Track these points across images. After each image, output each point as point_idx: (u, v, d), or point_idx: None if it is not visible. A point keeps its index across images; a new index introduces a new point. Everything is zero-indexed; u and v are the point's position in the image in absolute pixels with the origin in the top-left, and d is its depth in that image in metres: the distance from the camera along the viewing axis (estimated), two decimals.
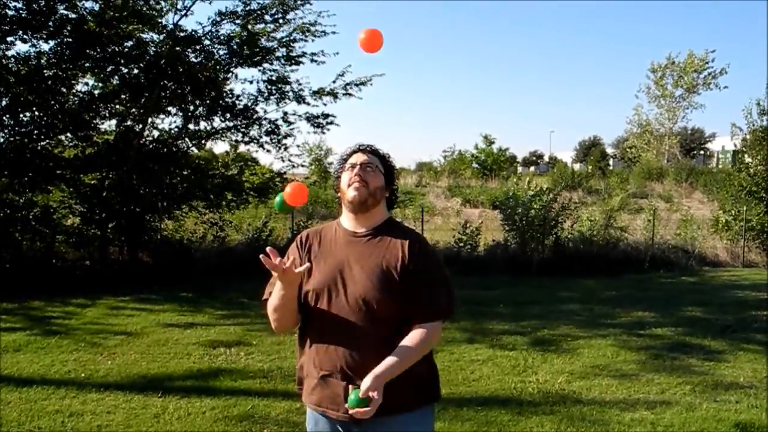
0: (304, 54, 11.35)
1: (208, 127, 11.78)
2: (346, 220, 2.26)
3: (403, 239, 2.19)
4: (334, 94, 11.57)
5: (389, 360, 2.03)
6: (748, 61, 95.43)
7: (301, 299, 2.19)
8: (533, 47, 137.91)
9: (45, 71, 10.32)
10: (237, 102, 11.62)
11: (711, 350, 6.59)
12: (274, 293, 2.15)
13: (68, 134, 10.82)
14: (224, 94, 11.54)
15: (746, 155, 15.87)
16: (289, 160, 11.98)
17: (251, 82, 11.67)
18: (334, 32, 11.32)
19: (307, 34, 11.18)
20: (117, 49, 10.66)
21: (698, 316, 8.33)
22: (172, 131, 11.65)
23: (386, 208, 2.29)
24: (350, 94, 11.60)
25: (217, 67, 11.30)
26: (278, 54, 11.34)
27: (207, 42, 11.19)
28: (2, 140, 10.42)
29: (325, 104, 11.71)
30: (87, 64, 10.63)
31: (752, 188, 14.42)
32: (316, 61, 11.45)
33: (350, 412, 1.97)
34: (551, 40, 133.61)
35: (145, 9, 10.45)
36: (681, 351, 6.54)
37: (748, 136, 15.47)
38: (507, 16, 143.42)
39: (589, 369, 5.87)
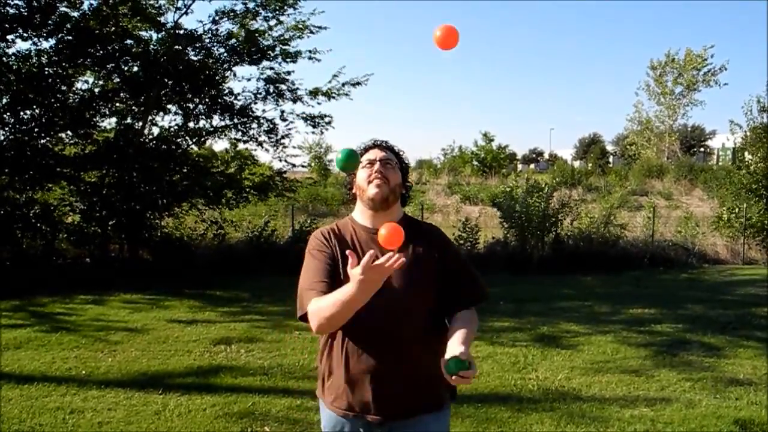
0: (300, 52, 11.42)
1: (208, 126, 11.82)
2: (363, 218, 2.21)
3: (427, 233, 2.20)
4: (329, 94, 11.64)
5: (462, 332, 2.01)
6: (747, 58, 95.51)
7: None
8: (533, 45, 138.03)
9: (45, 69, 10.32)
10: (235, 101, 11.65)
11: (711, 347, 6.61)
12: (342, 298, 1.88)
13: (69, 132, 10.82)
14: (223, 93, 11.56)
15: (746, 152, 15.86)
16: (286, 160, 12.02)
17: (249, 80, 11.75)
18: (326, 27, 11.47)
19: (303, 31, 11.25)
20: (117, 47, 10.68)
21: (698, 313, 8.35)
22: (172, 129, 11.66)
23: (401, 206, 2.26)
24: (345, 94, 11.69)
25: (216, 65, 11.33)
26: (276, 52, 11.37)
27: (207, 40, 11.21)
28: (3, 138, 10.41)
29: (319, 103, 11.81)
30: (87, 62, 10.63)
31: (752, 185, 14.42)
32: (312, 58, 11.50)
33: (455, 378, 1.88)
34: (551, 37, 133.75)
35: (146, 5, 10.45)
36: (681, 348, 6.55)
37: (748, 133, 15.44)
38: (507, 13, 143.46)
39: (589, 366, 5.88)
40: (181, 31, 11.04)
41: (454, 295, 2.13)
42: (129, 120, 11.45)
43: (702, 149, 60.52)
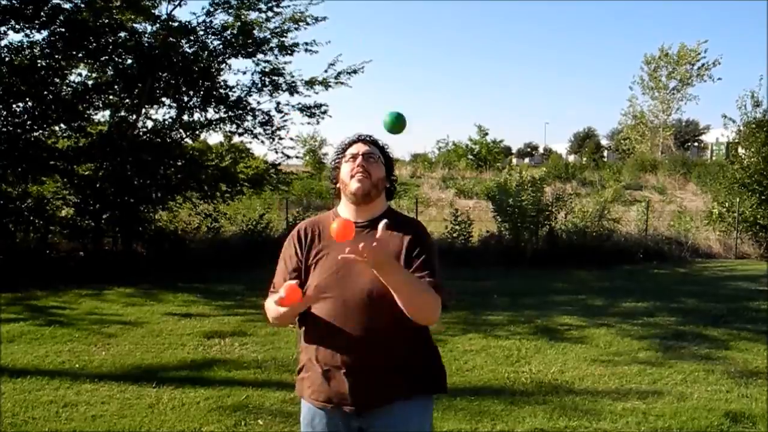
0: (297, 44, 11.35)
1: (202, 118, 11.76)
2: (345, 211, 2.23)
3: (405, 228, 2.18)
4: (326, 84, 11.56)
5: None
6: (740, 53, 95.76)
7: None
8: (528, 39, 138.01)
9: (38, 61, 10.26)
10: (230, 93, 11.59)
11: (704, 340, 6.63)
12: (278, 308, 2.09)
13: (62, 125, 10.77)
14: (218, 85, 11.50)
15: (740, 147, 15.88)
16: (283, 152, 11.99)
17: (244, 73, 11.70)
18: (324, 18, 11.34)
19: (300, 23, 11.18)
20: (111, 40, 10.61)
21: (691, 307, 8.38)
22: (166, 122, 11.61)
23: (385, 199, 2.27)
24: (342, 83, 11.59)
25: (211, 57, 11.27)
26: (272, 44, 11.32)
27: (201, 32, 11.15)
28: None
29: (317, 93, 11.74)
30: (80, 55, 10.57)
31: (745, 180, 14.45)
32: (309, 50, 11.43)
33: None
34: (546, 31, 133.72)
35: None
36: (674, 341, 6.58)
37: (742, 128, 15.46)
38: (501, 7, 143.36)
39: (582, 359, 5.90)
40: (175, 23, 10.97)
41: None
42: (123, 113, 11.41)
43: (696, 144, 60.62)
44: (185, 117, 11.67)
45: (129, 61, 10.98)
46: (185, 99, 11.55)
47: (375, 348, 2.06)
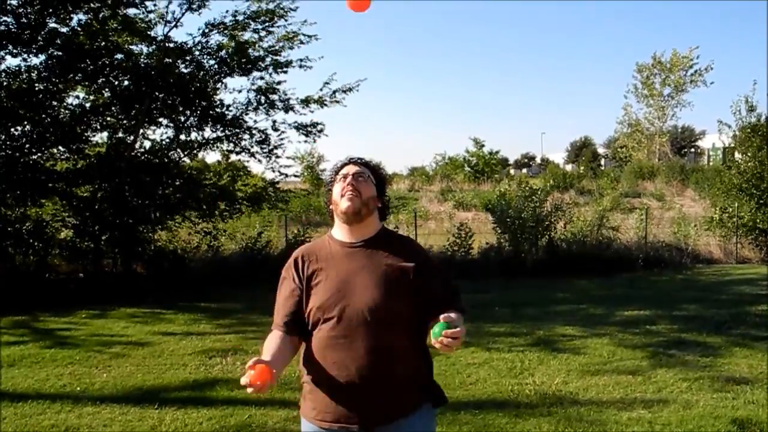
0: (290, 62, 11.44)
1: (199, 138, 11.80)
2: (340, 232, 2.25)
3: (401, 245, 2.22)
4: (321, 102, 11.64)
5: (450, 311, 2.00)
6: (732, 56, 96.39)
7: (305, 318, 2.18)
8: (523, 49, 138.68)
9: (36, 85, 10.31)
10: (227, 112, 11.65)
11: (707, 347, 6.62)
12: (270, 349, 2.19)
13: (60, 147, 10.80)
14: (214, 105, 11.56)
15: (736, 152, 15.94)
16: (279, 171, 12.02)
17: (240, 92, 11.77)
18: (317, 38, 11.45)
19: (294, 41, 11.28)
20: (107, 62, 10.68)
21: (693, 313, 8.37)
22: (164, 142, 11.65)
23: (379, 219, 2.29)
24: (337, 101, 11.68)
25: (207, 77, 11.34)
26: (266, 62, 11.40)
27: (197, 53, 11.23)
28: None
29: (312, 111, 11.83)
30: (78, 77, 10.63)
31: (743, 185, 14.49)
32: (303, 66, 11.52)
33: (441, 339, 1.88)
34: (541, 41, 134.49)
35: (135, 20, 10.47)
36: (677, 348, 6.55)
37: (737, 133, 15.53)
38: (496, 17, 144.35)
39: (586, 369, 5.87)
40: (171, 45, 11.06)
41: (434, 305, 2.12)
42: (120, 134, 11.44)
43: (693, 150, 60.77)
44: (182, 137, 11.73)
45: (126, 83, 11.04)
46: (182, 119, 11.61)
47: (380, 365, 2.07)
